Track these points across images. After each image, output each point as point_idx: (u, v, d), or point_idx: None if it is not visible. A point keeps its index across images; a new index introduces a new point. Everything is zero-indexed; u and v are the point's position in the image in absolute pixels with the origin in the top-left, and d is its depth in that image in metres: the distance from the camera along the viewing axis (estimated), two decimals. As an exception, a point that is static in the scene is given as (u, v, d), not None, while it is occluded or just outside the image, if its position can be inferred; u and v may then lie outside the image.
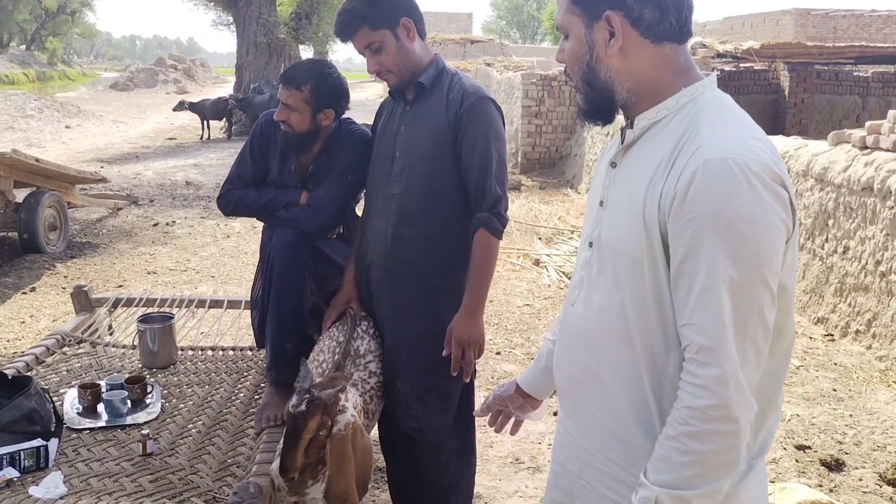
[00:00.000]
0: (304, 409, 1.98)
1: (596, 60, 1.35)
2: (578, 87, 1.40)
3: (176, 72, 40.77)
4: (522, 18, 64.74)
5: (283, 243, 2.68)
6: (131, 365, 3.14)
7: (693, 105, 1.31)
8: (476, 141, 2.36)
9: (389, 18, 2.35)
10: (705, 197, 1.19)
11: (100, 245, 7.71)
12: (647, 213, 1.26)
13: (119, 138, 18.24)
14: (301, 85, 2.66)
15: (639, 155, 1.34)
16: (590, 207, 1.48)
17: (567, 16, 1.36)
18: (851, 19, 22.43)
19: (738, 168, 1.19)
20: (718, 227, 1.18)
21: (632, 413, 1.36)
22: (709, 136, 1.24)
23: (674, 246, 1.23)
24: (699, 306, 1.20)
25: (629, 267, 1.30)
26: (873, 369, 4.75)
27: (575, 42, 1.36)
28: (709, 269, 1.19)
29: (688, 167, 1.22)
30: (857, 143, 5.49)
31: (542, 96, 12.40)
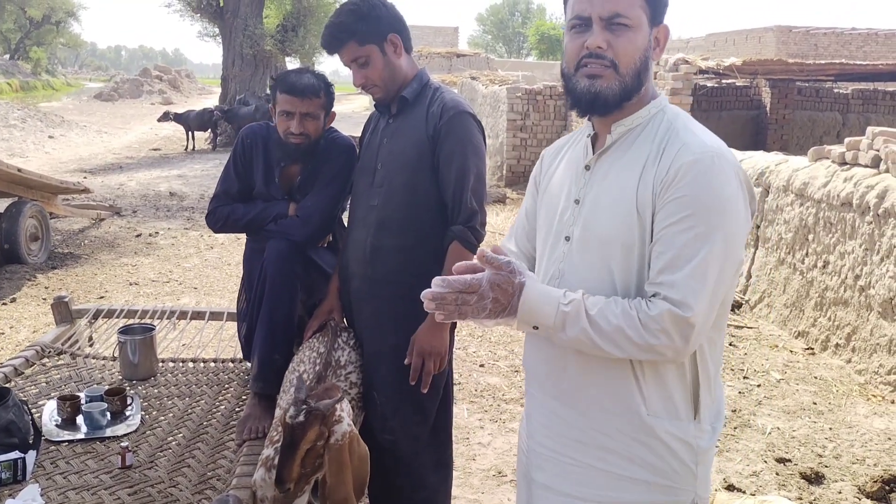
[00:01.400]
0: (302, 420, 1.98)
1: (650, 58, 1.51)
2: (625, 75, 1.46)
3: (161, 82, 40.66)
4: (508, 33, 65.16)
5: (276, 254, 2.69)
6: (111, 377, 3.11)
7: (662, 114, 1.52)
8: (453, 155, 2.38)
9: (377, 34, 2.37)
10: (698, 181, 1.39)
11: (81, 256, 7.65)
12: (639, 200, 1.44)
13: (103, 149, 18.15)
14: (319, 92, 2.69)
15: (617, 157, 1.52)
16: (554, 208, 1.62)
17: (638, 11, 1.46)
18: (832, 37, 22.73)
19: (726, 162, 1.42)
20: (707, 204, 1.38)
21: (623, 384, 1.50)
22: (689, 137, 1.45)
23: (661, 215, 1.41)
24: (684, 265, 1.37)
25: (620, 252, 1.46)
26: (853, 383, 4.79)
27: (641, 35, 1.47)
28: (697, 235, 1.38)
29: (678, 158, 1.41)
30: (837, 158, 5.56)
31: (527, 110, 12.47)
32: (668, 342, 1.38)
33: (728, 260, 1.40)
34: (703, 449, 1.54)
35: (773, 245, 6.18)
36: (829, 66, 10.73)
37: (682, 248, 1.38)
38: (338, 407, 2.07)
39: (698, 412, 1.53)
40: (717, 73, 10.77)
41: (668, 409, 1.51)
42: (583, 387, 1.54)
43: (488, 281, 1.35)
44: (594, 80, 1.47)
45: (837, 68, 10.93)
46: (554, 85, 12.86)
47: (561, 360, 1.56)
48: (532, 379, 1.68)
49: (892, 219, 4.75)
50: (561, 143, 1.75)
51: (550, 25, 48.99)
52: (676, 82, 9.48)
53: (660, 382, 1.50)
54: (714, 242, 1.38)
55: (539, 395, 1.65)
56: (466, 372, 4.80)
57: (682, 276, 1.37)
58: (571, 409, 1.57)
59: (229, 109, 17.76)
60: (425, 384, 2.43)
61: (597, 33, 1.45)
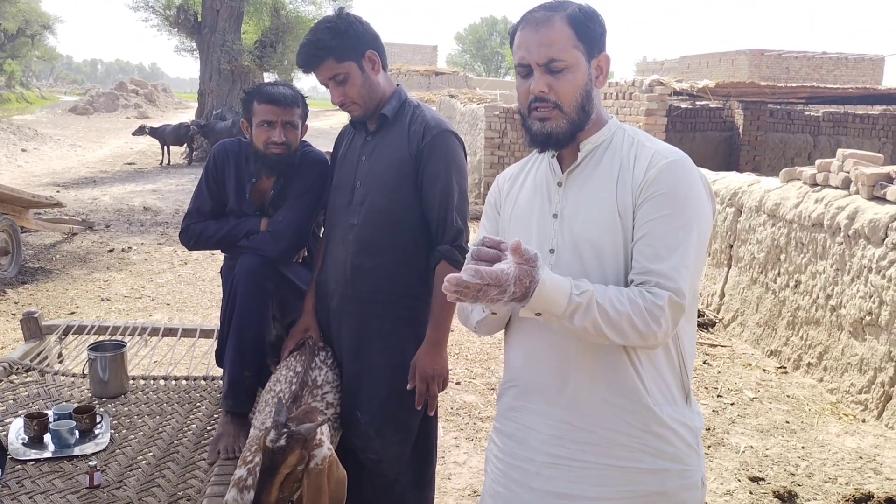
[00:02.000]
0: (283, 444, 1.95)
1: (592, 89, 1.62)
2: (570, 112, 1.59)
3: (137, 96, 40.33)
4: (486, 53, 65.62)
5: (247, 270, 2.66)
6: (81, 394, 3.06)
7: (622, 131, 1.67)
8: (438, 174, 2.37)
9: (355, 51, 2.36)
10: (675, 180, 1.53)
11: (53, 271, 7.55)
12: (620, 204, 1.56)
13: (76, 162, 17.97)
14: (298, 101, 2.70)
15: (590, 171, 1.63)
16: (527, 226, 1.69)
17: (572, 51, 1.57)
18: (803, 61, 23.15)
19: (692, 166, 1.58)
20: (684, 200, 1.52)
21: (627, 378, 1.57)
22: (657, 145, 1.61)
23: (643, 211, 1.53)
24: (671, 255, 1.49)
25: (610, 253, 1.56)
26: (825, 402, 4.84)
27: (578, 73, 1.59)
28: (678, 226, 1.51)
29: (654, 161, 1.56)
30: (808, 180, 5.65)
31: (504, 128, 12.55)
32: (665, 327, 1.47)
33: (700, 250, 1.54)
34: (698, 429, 1.66)
35: (745, 264, 6.25)
36: (801, 89, 10.93)
37: (667, 238, 1.50)
38: (318, 430, 2.05)
39: (688, 396, 1.64)
40: (691, 95, 10.92)
41: (667, 396, 1.60)
42: (589, 389, 1.59)
43: (514, 276, 1.33)
44: (544, 122, 1.59)
45: (808, 91, 11.12)
46: (531, 104, 12.93)
47: (563, 368, 1.61)
48: (527, 393, 1.69)
49: (862, 240, 4.83)
50: (516, 169, 1.84)
51: (528, 45, 49.36)
52: (651, 103, 9.60)
53: (656, 372, 1.59)
54: (692, 232, 1.51)
55: (541, 406, 1.66)
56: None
57: (672, 265, 1.48)
58: (579, 413, 1.61)
59: (206, 124, 17.68)
60: (431, 407, 2.42)
61: (537, 79, 1.58)
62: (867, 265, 4.75)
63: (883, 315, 4.56)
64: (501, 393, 1.80)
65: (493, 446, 1.78)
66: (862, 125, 12.84)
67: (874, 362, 4.62)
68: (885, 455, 4.07)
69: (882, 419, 4.48)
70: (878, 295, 4.62)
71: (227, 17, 19.65)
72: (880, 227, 4.65)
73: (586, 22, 1.59)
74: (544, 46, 1.56)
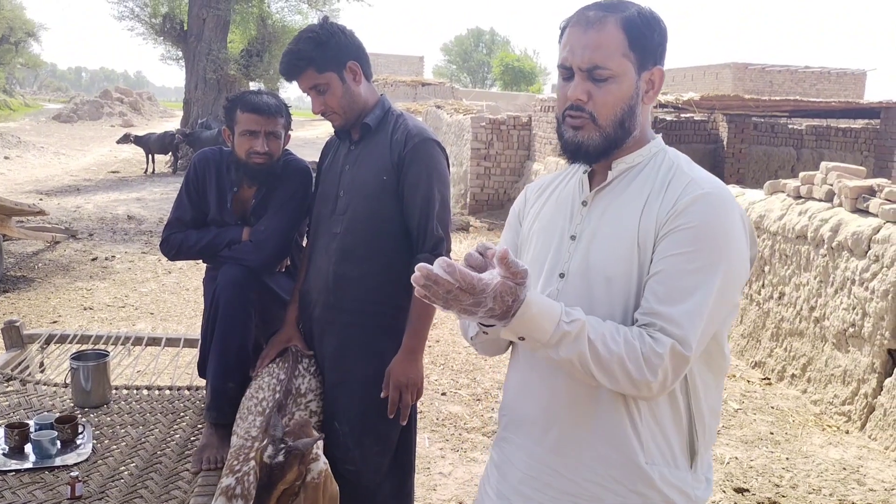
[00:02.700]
0: (282, 461, 1.94)
1: (637, 105, 1.46)
2: (605, 126, 1.44)
3: (122, 104, 40.12)
4: (472, 64, 65.88)
5: (229, 280, 2.64)
6: (62, 404, 3.02)
7: (663, 153, 1.50)
8: (419, 182, 2.37)
9: (336, 62, 2.36)
10: (706, 214, 1.36)
11: (35, 279, 7.47)
12: (641, 233, 1.40)
13: (60, 170, 17.84)
14: (282, 110, 2.69)
15: (618, 193, 1.48)
16: (546, 244, 1.55)
17: (620, 59, 1.42)
18: (787, 74, 23.38)
19: (732, 202, 1.40)
20: (713, 238, 1.36)
21: (620, 429, 1.43)
22: (696, 173, 1.44)
23: (664, 245, 1.37)
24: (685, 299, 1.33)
25: (619, 287, 1.41)
26: (808, 413, 4.86)
27: (624, 84, 1.43)
28: (699, 268, 1.34)
29: (688, 191, 1.39)
30: (792, 192, 5.70)
31: (490, 139, 12.59)
32: (663, 379, 1.32)
33: (724, 298, 1.36)
34: (701, 500, 1.48)
35: (730, 276, 6.28)
36: (784, 102, 11.03)
37: (684, 279, 1.34)
38: (314, 445, 2.04)
39: (695, 460, 1.47)
40: (676, 108, 11.01)
41: (665, 455, 1.44)
42: (576, 433, 1.46)
43: (494, 290, 1.21)
44: (577, 131, 1.45)
45: (792, 105, 11.24)
46: (517, 115, 13.01)
47: (551, 406, 1.49)
48: (516, 425, 1.58)
49: (845, 252, 4.87)
50: (547, 181, 1.70)
51: (514, 57, 49.65)
52: (637, 115, 9.63)
53: (657, 428, 1.43)
54: (715, 277, 1.34)
55: (525, 442, 1.55)
56: (428, 400, 4.76)
57: (683, 311, 1.32)
58: (562, 457, 1.48)
59: (191, 133, 17.60)
60: (404, 417, 2.40)
61: (576, 85, 1.44)
62: (850, 277, 4.79)
63: (866, 327, 4.59)
64: (499, 417, 1.69)
65: (486, 469, 1.69)
66: (844, 139, 12.97)
67: (857, 374, 4.66)
68: (868, 466, 4.10)
69: (865, 430, 4.50)
70: (861, 307, 4.66)
71: (213, 26, 19.61)
72: (863, 240, 4.69)
73: (643, 29, 1.43)
74: (589, 50, 1.41)
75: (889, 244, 4.48)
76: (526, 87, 42.32)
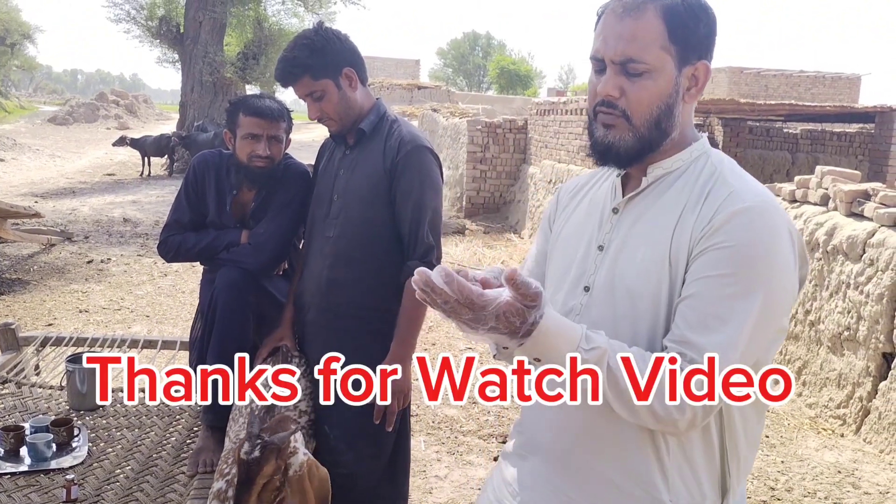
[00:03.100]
0: (258, 456, 1.94)
1: (676, 103, 1.32)
2: (639, 126, 1.30)
3: (118, 107, 40.08)
4: (469, 67, 65.97)
5: (227, 283, 2.64)
6: (58, 407, 3.02)
7: (705, 158, 1.35)
8: (411, 189, 2.37)
9: (332, 69, 2.36)
10: (746, 232, 1.21)
11: (30, 282, 7.45)
12: (674, 248, 1.26)
13: (55, 173, 17.81)
14: (284, 115, 2.70)
15: (651, 201, 1.34)
16: (572, 253, 1.43)
17: (658, 52, 1.27)
18: (782, 79, 23.45)
19: (780, 216, 1.25)
20: (753, 259, 1.20)
21: (643, 463, 1.30)
22: (739, 183, 1.28)
23: (698, 264, 1.23)
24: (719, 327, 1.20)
25: (647, 306, 1.28)
26: (804, 416, 4.87)
27: (661, 80, 1.29)
28: (737, 292, 1.20)
29: (727, 205, 1.24)
30: (787, 196, 5.71)
31: (486, 143, 12.60)
32: (690, 417, 1.19)
33: (765, 325, 1.22)
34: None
35: (726, 279, 6.29)
36: (779, 106, 11.06)
37: (719, 305, 1.20)
38: (292, 439, 2.04)
39: (725, 498, 1.33)
40: (672, 111, 11.00)
41: (693, 493, 1.30)
42: (595, 463, 1.34)
43: (497, 309, 1.10)
44: (608, 130, 1.32)
45: (787, 109, 11.27)
46: (513, 119, 13.03)
47: (569, 431, 1.37)
48: (533, 447, 1.46)
49: (840, 256, 4.88)
50: (581, 182, 1.56)
51: (510, 60, 49.75)
52: (633, 119, 9.65)
53: (687, 463, 1.30)
54: (754, 302, 1.19)
55: (540, 467, 1.43)
56: (423, 403, 4.76)
57: (716, 342, 1.19)
58: (578, 487, 1.36)
59: (187, 136, 17.59)
60: (389, 423, 2.40)
61: (608, 79, 1.30)
62: (845, 281, 4.80)
63: (861, 330, 4.60)
64: (513, 430, 1.58)
65: (493, 478, 1.57)
66: (839, 143, 13.01)
67: (852, 377, 4.67)
68: (863, 469, 4.11)
69: (860, 434, 4.52)
70: (856, 310, 4.67)
71: (210, 28, 19.60)
72: (858, 244, 4.71)
73: (687, 19, 1.28)
74: (624, 41, 1.27)
75: (884, 248, 4.50)
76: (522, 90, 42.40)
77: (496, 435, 4.35)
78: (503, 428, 4.43)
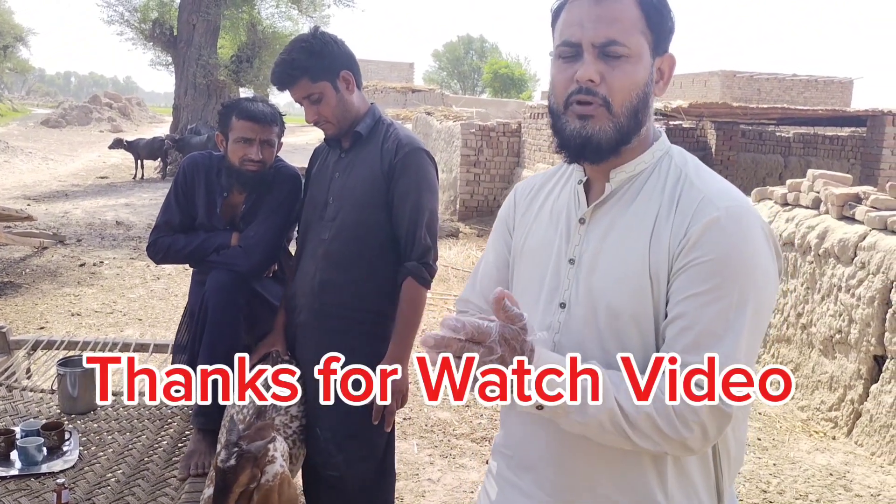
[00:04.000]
0: (233, 464, 1.94)
1: (651, 93, 1.27)
2: (619, 115, 1.23)
3: (111, 110, 39.95)
4: (463, 70, 66.02)
5: (217, 285, 2.64)
6: (49, 410, 3.01)
7: (669, 158, 1.31)
8: (409, 192, 2.38)
9: (330, 71, 2.38)
10: (724, 242, 1.18)
11: (22, 285, 7.43)
12: (652, 263, 1.22)
13: (48, 175, 17.75)
14: (277, 119, 2.71)
15: (620, 210, 1.29)
16: (540, 266, 1.37)
17: (638, 37, 1.23)
18: (774, 82, 23.55)
19: (753, 217, 1.22)
20: (736, 270, 1.17)
21: (641, 477, 1.27)
22: (707, 186, 1.24)
23: (681, 281, 1.20)
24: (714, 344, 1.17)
25: (631, 324, 1.23)
26: (796, 419, 4.89)
27: (640, 67, 1.24)
28: (726, 306, 1.17)
29: (700, 213, 1.20)
30: (779, 199, 5.74)
31: (480, 146, 12.62)
32: (700, 435, 1.16)
33: (757, 329, 1.20)
34: None
35: (718, 283, 6.31)
36: (772, 110, 11.10)
37: (710, 323, 1.17)
38: (270, 447, 2.03)
39: (721, 499, 1.32)
40: (665, 115, 11.06)
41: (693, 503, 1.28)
42: (590, 481, 1.30)
43: (499, 333, 1.08)
44: (585, 121, 1.23)
45: (779, 112, 11.31)
46: (507, 122, 13.05)
47: (560, 450, 1.31)
48: (522, 469, 1.39)
49: (831, 259, 4.90)
50: (538, 182, 1.48)
51: (504, 64, 49.81)
52: (626, 122, 9.66)
53: (683, 474, 1.28)
54: (744, 314, 1.17)
55: (532, 489, 1.36)
56: (417, 406, 4.76)
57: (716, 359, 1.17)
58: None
59: (181, 138, 17.56)
60: (388, 423, 2.41)
61: (588, 63, 1.22)
62: (837, 284, 4.82)
63: (852, 333, 4.62)
64: (495, 450, 1.50)
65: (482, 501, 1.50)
66: (831, 146, 13.06)
67: (844, 380, 4.68)
68: (854, 472, 4.12)
69: (852, 436, 4.53)
70: (847, 313, 4.69)
71: (203, 31, 19.57)
72: (849, 247, 4.73)
73: (660, 8, 1.25)
74: (605, 23, 1.21)
75: (875, 251, 4.52)
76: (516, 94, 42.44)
77: (489, 438, 4.35)
78: (496, 431, 4.43)
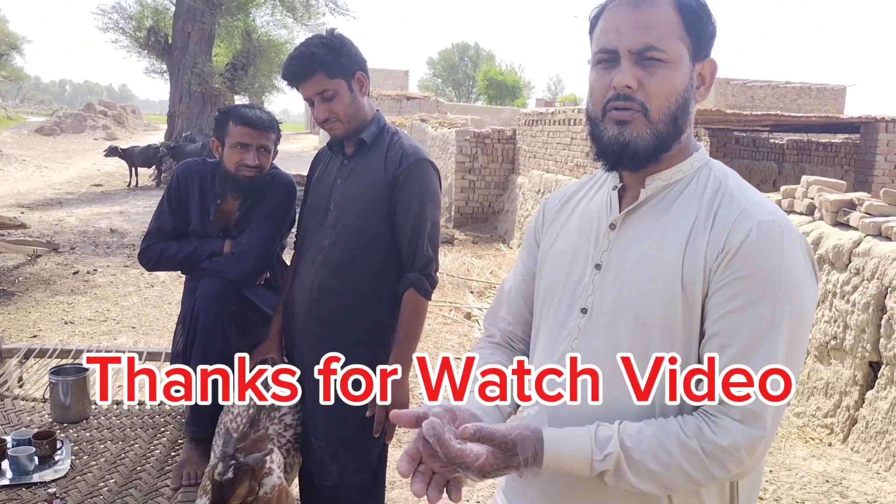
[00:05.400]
0: (231, 477, 1.92)
1: (691, 99, 1.25)
2: (657, 121, 1.22)
3: (105, 118, 39.95)
4: (458, 77, 66.19)
5: (209, 293, 2.62)
6: (41, 419, 2.98)
7: (707, 170, 1.28)
8: (412, 202, 2.37)
9: (347, 70, 2.37)
10: (765, 257, 1.15)
11: (15, 293, 7.39)
12: (686, 274, 1.19)
13: (42, 183, 17.70)
14: (274, 126, 2.71)
15: (654, 218, 1.26)
16: (562, 271, 1.35)
17: (676, 43, 1.21)
18: (768, 90, 23.63)
19: (792, 232, 1.19)
20: (776, 286, 1.15)
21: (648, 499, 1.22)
22: (747, 200, 1.22)
23: (719, 297, 1.17)
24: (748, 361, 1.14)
25: (659, 334, 1.20)
26: (791, 426, 4.88)
27: (679, 73, 1.22)
28: (766, 325, 1.14)
29: (739, 226, 1.17)
30: (774, 206, 5.74)
31: (475, 153, 12.64)
32: (736, 469, 1.14)
33: (796, 347, 1.17)
34: None
35: (713, 289, 6.31)
36: (766, 117, 11.13)
37: (749, 342, 1.14)
38: (267, 459, 2.02)
39: None
40: (660, 122, 11.05)
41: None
42: None
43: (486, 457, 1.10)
44: (623, 126, 1.22)
45: (773, 119, 11.34)
46: (502, 129, 13.07)
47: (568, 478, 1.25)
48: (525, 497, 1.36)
49: (826, 265, 4.91)
50: (568, 192, 1.46)
51: (498, 71, 49.97)
52: (621, 129, 9.68)
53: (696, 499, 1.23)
54: (781, 329, 1.14)
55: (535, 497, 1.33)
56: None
57: None
58: None
59: (175, 146, 17.55)
60: (389, 435, 2.40)
61: (625, 70, 1.21)
62: (832, 290, 4.82)
63: (847, 339, 4.62)
64: None
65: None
66: (825, 153, 13.11)
67: (839, 386, 4.68)
68: (850, 478, 4.11)
69: (848, 443, 4.52)
70: (842, 319, 4.69)
71: (198, 39, 19.59)
72: (844, 253, 4.73)
73: (699, 12, 1.23)
74: (642, 29, 1.20)
75: (869, 257, 4.52)
76: (511, 101, 42.57)
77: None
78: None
